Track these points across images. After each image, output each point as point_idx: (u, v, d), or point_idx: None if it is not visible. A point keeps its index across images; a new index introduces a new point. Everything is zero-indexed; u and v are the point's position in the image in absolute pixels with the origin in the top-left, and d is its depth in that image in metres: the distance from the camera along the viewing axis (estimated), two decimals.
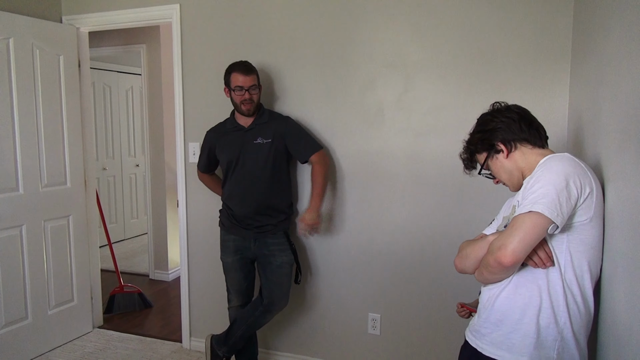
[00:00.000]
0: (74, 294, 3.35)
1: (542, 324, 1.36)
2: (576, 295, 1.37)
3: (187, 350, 3.22)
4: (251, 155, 2.53)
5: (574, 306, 1.37)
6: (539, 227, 1.28)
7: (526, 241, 1.28)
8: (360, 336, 2.80)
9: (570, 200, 1.29)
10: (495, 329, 1.44)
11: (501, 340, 1.42)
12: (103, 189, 5.78)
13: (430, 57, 2.51)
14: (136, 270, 4.97)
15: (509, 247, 1.29)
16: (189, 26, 3.01)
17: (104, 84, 5.79)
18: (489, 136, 1.52)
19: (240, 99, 2.48)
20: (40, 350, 3.12)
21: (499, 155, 1.52)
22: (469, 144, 1.60)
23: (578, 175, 1.32)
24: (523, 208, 1.31)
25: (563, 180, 1.29)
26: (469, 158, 1.61)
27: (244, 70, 2.48)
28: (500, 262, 1.31)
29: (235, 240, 2.62)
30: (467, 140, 1.61)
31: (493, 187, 2.30)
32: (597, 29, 1.72)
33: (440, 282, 2.60)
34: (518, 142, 1.49)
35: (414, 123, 2.58)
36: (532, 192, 1.32)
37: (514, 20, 2.34)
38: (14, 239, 2.96)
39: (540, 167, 1.37)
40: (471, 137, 1.59)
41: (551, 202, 1.27)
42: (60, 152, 3.22)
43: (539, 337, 1.37)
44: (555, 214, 1.27)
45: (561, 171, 1.31)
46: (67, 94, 3.25)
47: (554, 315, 1.36)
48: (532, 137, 1.49)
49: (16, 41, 2.91)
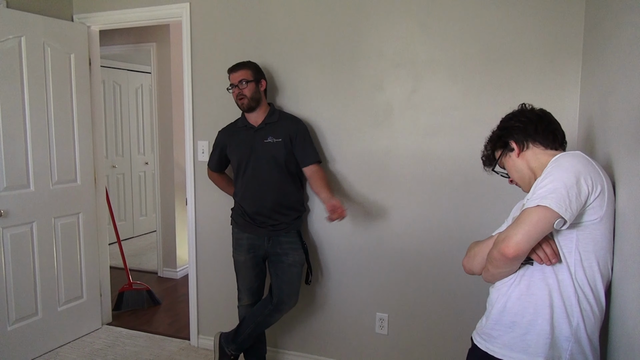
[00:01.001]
0: (83, 291, 3.38)
1: (555, 324, 1.36)
2: (589, 296, 1.36)
3: (195, 347, 3.23)
4: (262, 154, 2.54)
5: (587, 306, 1.36)
6: (545, 220, 1.28)
7: (530, 234, 1.28)
8: (368, 335, 2.80)
9: (581, 197, 1.29)
10: (508, 330, 1.43)
11: (515, 342, 1.41)
12: (112, 187, 5.82)
13: (440, 56, 2.50)
14: (145, 267, 5.00)
15: (513, 239, 1.29)
16: (199, 25, 3.02)
17: (114, 82, 5.83)
18: (505, 134, 1.56)
19: (235, 97, 2.54)
20: (49, 346, 3.15)
21: (512, 154, 1.55)
22: (488, 140, 1.64)
23: (589, 173, 1.31)
24: (531, 202, 1.31)
25: (573, 177, 1.29)
26: (488, 155, 1.64)
27: (233, 68, 2.57)
28: (503, 253, 1.31)
29: (249, 239, 2.63)
30: (488, 137, 1.65)
31: (503, 187, 2.29)
32: (609, 28, 1.71)
33: (448, 282, 2.59)
34: (531, 142, 1.51)
35: (422, 123, 2.57)
36: (541, 187, 1.32)
37: (525, 20, 2.33)
38: (25, 235, 2.99)
39: (551, 164, 1.37)
40: (492, 134, 1.63)
41: (559, 197, 1.26)
42: (70, 150, 3.25)
43: (553, 336, 1.36)
44: (564, 209, 1.26)
45: (571, 168, 1.31)
46: (78, 92, 3.27)
47: (567, 315, 1.35)
48: (546, 139, 1.50)
49: (28, 39, 2.94)
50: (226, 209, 2.91)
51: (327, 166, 2.78)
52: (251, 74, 2.54)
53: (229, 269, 2.82)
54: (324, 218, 2.52)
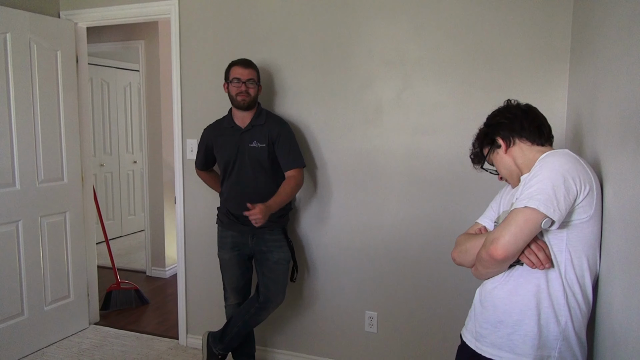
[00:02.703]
0: (70, 290, 3.35)
1: (543, 324, 1.36)
2: (577, 294, 1.37)
3: (184, 347, 3.21)
4: (247, 158, 2.52)
5: (575, 304, 1.37)
6: (532, 222, 1.28)
7: (518, 236, 1.29)
8: (358, 334, 2.80)
9: (569, 197, 1.29)
10: (495, 330, 1.44)
11: (502, 342, 1.41)
12: (100, 186, 5.77)
13: (430, 55, 2.51)
14: (133, 267, 4.96)
15: (501, 241, 1.30)
16: (188, 22, 3.00)
17: (101, 79, 5.78)
18: (491, 131, 1.57)
19: (237, 91, 2.48)
20: (36, 346, 3.12)
21: (499, 150, 1.55)
22: (476, 138, 1.64)
23: (577, 172, 1.31)
24: (519, 203, 1.32)
25: (561, 177, 1.29)
26: (476, 153, 1.64)
27: (244, 64, 2.51)
28: (491, 255, 1.32)
29: (233, 237, 2.62)
30: (476, 134, 1.65)
31: (492, 184, 2.31)
32: (596, 28, 1.72)
33: (437, 279, 2.60)
34: (517, 138, 1.51)
35: (412, 121, 2.58)
36: (528, 187, 1.32)
37: (514, 19, 2.34)
38: (10, 234, 2.95)
39: (539, 162, 1.37)
40: (479, 131, 1.64)
41: (547, 198, 1.27)
42: (57, 148, 3.21)
43: (540, 337, 1.37)
44: (552, 210, 1.27)
45: (559, 167, 1.31)
46: (65, 90, 3.24)
47: (555, 314, 1.36)
48: (532, 134, 1.50)
49: (13, 36, 2.90)
50: (215, 208, 2.90)
51: (315, 164, 2.78)
52: (257, 76, 2.55)
53: (218, 268, 2.81)
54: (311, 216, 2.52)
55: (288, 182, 2.51)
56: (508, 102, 1.60)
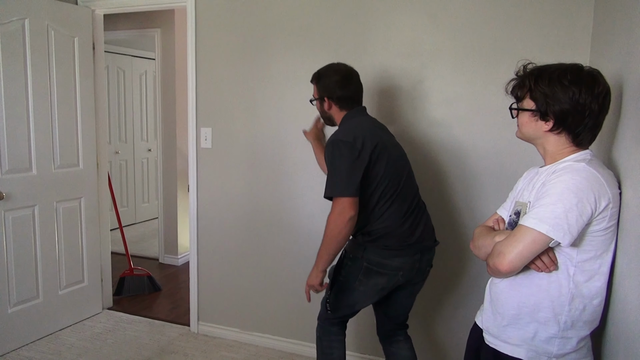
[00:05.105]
0: (84, 275, 3.39)
1: (543, 322, 1.36)
2: (584, 294, 1.34)
3: (195, 333, 3.24)
4: None
5: (580, 305, 1.35)
6: (539, 243, 1.28)
7: (524, 254, 1.29)
8: None
9: (582, 218, 1.26)
10: (498, 323, 1.45)
11: (507, 335, 1.42)
12: (115, 173, 5.82)
13: (446, 46, 2.48)
14: (146, 254, 5.02)
15: (507, 258, 1.31)
16: (204, 10, 2.99)
17: (118, 67, 5.81)
18: (550, 101, 1.33)
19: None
20: (50, 329, 3.17)
21: (540, 121, 1.37)
22: (529, 88, 1.38)
23: (592, 190, 1.26)
24: (529, 219, 1.29)
25: (574, 198, 1.25)
26: (516, 95, 1.44)
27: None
28: (497, 268, 1.34)
29: None
30: (532, 83, 1.38)
31: (507, 176, 2.28)
32: (620, 21, 1.68)
33: (449, 270, 2.58)
34: (566, 133, 1.36)
35: (428, 113, 2.55)
36: (541, 204, 1.29)
37: (533, 10, 2.30)
38: (27, 219, 2.99)
39: (557, 174, 1.31)
40: (537, 85, 1.36)
41: (557, 222, 1.25)
42: (73, 134, 3.24)
43: (536, 335, 1.37)
44: (562, 234, 1.25)
45: (573, 187, 1.26)
46: (81, 76, 3.26)
47: (555, 315, 1.35)
48: (587, 141, 1.38)
49: (31, 22, 2.92)
50: (228, 196, 2.90)
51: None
52: (316, 90, 2.17)
53: (230, 256, 2.82)
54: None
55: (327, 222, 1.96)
56: (588, 68, 1.35)
